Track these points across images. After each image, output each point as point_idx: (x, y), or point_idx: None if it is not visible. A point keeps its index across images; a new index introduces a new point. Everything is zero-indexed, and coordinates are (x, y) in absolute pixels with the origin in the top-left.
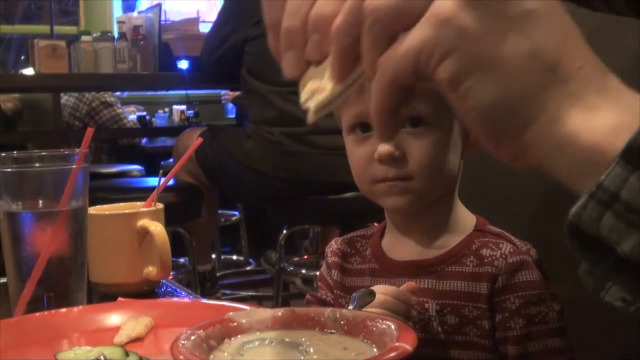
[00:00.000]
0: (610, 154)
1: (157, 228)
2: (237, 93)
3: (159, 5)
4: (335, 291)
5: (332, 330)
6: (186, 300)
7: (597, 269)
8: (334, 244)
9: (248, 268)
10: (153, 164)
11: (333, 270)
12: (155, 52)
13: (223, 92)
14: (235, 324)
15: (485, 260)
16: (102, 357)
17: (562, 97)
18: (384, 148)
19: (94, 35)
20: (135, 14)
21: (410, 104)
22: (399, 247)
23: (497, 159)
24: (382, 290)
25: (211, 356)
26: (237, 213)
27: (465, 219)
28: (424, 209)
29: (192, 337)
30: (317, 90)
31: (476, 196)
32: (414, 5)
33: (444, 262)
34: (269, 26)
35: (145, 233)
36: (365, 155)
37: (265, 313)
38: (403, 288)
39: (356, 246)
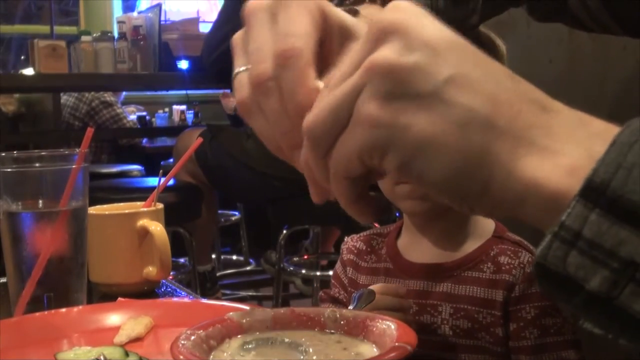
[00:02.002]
0: (570, 195)
1: (157, 228)
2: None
3: (159, 5)
4: (349, 289)
5: (332, 330)
6: (186, 300)
7: (569, 307)
8: (350, 241)
9: (248, 268)
10: (153, 164)
11: (348, 268)
12: (155, 52)
13: (221, 92)
14: (235, 324)
15: (503, 268)
16: (102, 357)
17: (510, 147)
18: None
19: (94, 35)
20: (135, 14)
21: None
22: (415, 248)
23: None
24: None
25: (211, 356)
26: (237, 213)
27: (484, 224)
28: (444, 213)
29: (192, 337)
30: None
31: None
32: (342, 111)
33: (461, 267)
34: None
35: (145, 233)
36: None
37: (265, 313)
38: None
39: (372, 244)
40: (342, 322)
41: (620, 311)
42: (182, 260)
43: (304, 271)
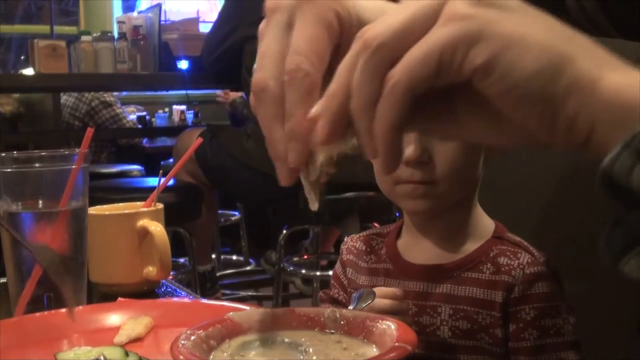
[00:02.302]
0: None
1: (157, 228)
2: (233, 95)
3: (159, 5)
4: (349, 289)
5: (332, 330)
6: (186, 300)
7: (628, 219)
8: (349, 241)
9: (248, 268)
10: (153, 164)
11: (347, 268)
12: (155, 52)
13: (218, 92)
14: (235, 324)
15: (502, 269)
16: (102, 357)
17: (594, 59)
18: (412, 151)
19: (94, 35)
20: (135, 14)
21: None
22: (415, 249)
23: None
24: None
25: (211, 356)
26: (237, 213)
27: (484, 224)
28: (444, 212)
29: (192, 337)
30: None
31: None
32: (417, 23)
33: (461, 268)
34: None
35: (145, 233)
36: None
37: (265, 313)
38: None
39: (371, 244)
40: (342, 322)
41: None
42: (182, 260)
43: (304, 271)
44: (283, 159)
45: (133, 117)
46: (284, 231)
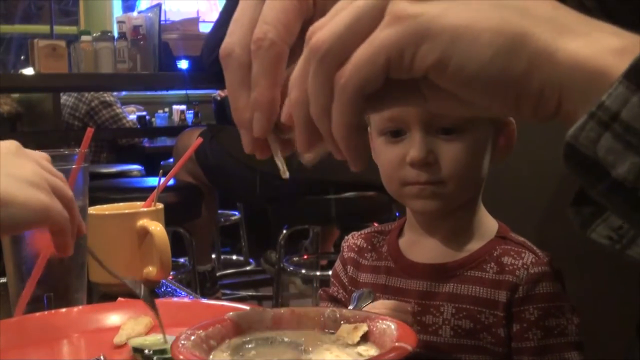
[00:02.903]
0: (615, 75)
1: (157, 228)
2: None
3: (159, 5)
4: (349, 288)
5: (332, 330)
6: (186, 300)
7: (592, 192)
8: (351, 239)
9: (248, 268)
10: (153, 164)
11: (348, 266)
12: (155, 52)
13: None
14: (235, 324)
15: (506, 269)
16: (102, 357)
17: (552, 30)
18: (417, 153)
19: (94, 35)
20: (135, 14)
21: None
22: (418, 247)
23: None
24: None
25: (211, 356)
26: (237, 213)
27: (488, 224)
28: (449, 212)
29: (192, 337)
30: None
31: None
32: (362, 23)
33: (464, 267)
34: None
35: (145, 233)
36: (396, 158)
37: (265, 313)
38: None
39: (372, 242)
40: (342, 322)
41: None
42: (182, 260)
43: (304, 271)
44: (247, 126)
45: (133, 117)
46: (284, 231)
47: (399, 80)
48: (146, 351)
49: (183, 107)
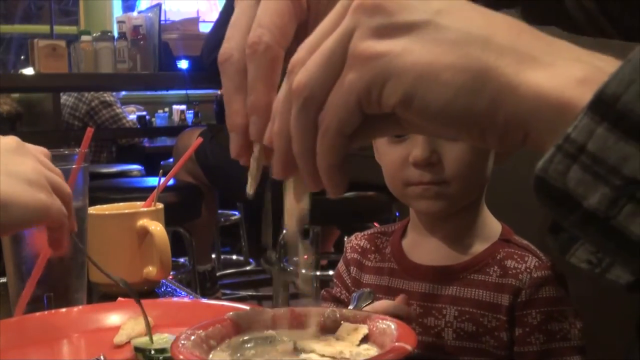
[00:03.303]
0: (580, 106)
1: (157, 228)
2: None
3: (159, 5)
4: (352, 288)
5: (332, 330)
6: (186, 300)
7: (565, 223)
8: (354, 240)
9: (248, 268)
10: (153, 164)
11: (352, 267)
12: (155, 52)
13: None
14: (235, 324)
15: (510, 272)
16: (102, 357)
17: (515, 62)
18: (420, 153)
19: (94, 35)
20: (135, 13)
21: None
22: (421, 249)
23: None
24: (381, 309)
25: (211, 356)
26: (237, 213)
27: (491, 226)
28: (453, 213)
29: (192, 337)
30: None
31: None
32: (332, 63)
33: (467, 270)
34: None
35: (145, 233)
36: (399, 158)
37: (265, 313)
38: (397, 301)
39: (376, 243)
40: (342, 322)
41: (617, 232)
42: (182, 260)
43: (304, 271)
44: (238, 131)
45: (133, 117)
46: (284, 231)
47: (377, 113)
48: (152, 351)
49: (183, 107)
